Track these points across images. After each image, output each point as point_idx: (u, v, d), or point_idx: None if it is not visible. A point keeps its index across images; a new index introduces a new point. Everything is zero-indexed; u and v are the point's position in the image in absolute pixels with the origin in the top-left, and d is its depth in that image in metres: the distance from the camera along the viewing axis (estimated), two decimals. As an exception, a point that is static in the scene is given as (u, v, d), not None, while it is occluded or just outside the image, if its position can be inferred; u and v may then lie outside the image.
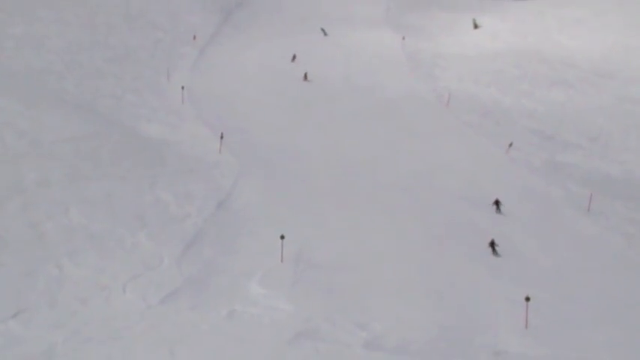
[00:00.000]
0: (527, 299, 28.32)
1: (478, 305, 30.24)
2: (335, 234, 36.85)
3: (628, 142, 57.92)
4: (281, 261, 32.22)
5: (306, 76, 67.70)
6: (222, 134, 47.69)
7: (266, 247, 33.40)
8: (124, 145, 44.00)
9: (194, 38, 76.99)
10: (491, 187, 46.08)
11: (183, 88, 59.35)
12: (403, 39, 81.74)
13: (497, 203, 41.63)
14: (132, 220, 35.14)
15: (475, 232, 39.22)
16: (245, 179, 42.81)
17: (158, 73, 64.75)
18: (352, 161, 49.01)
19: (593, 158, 54.37)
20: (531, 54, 77.80)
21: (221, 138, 47.40)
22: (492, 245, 35.65)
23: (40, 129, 41.66)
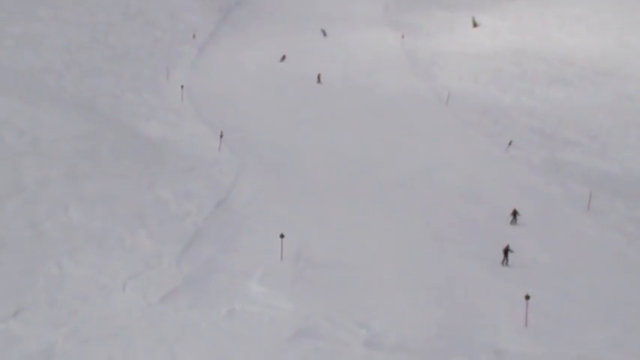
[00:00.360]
0: (527, 297, 28.27)
1: (478, 303, 30.21)
2: (334, 232, 36.87)
3: (627, 140, 57.89)
4: (281, 259, 32.23)
5: (319, 78, 67.22)
6: (221, 133, 47.69)
7: (266, 246, 33.42)
8: (124, 144, 44.00)
9: (193, 37, 77.10)
10: (490, 186, 46.13)
11: (182, 87, 59.38)
12: (402, 38, 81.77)
13: (514, 214, 40.06)
14: (131, 219, 35.15)
15: (475, 231, 39.22)
16: (244, 177, 42.84)
17: (157, 72, 64.85)
18: (352, 160, 49.01)
19: (592, 156, 54.32)
20: (531, 52, 77.83)
21: (220, 136, 47.40)
22: (506, 252, 34.22)
23: (40, 128, 41.65)
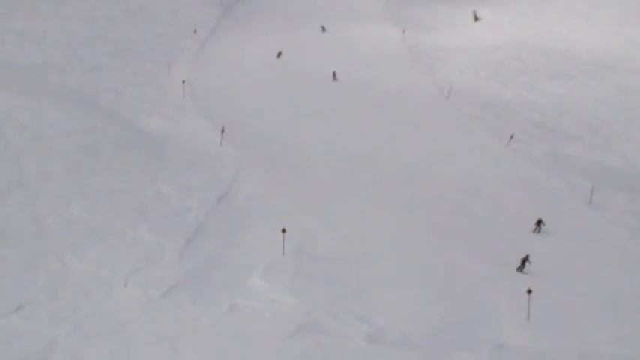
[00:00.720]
0: (528, 291, 28.31)
1: (479, 297, 30.21)
2: (336, 227, 36.86)
3: (629, 134, 57.87)
4: (282, 254, 32.25)
5: (334, 76, 67.00)
6: (223, 128, 47.68)
7: (267, 241, 33.42)
8: (125, 139, 43.98)
9: (194, 32, 77.03)
10: (492, 180, 46.12)
11: (184, 82, 59.38)
12: (403, 32, 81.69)
13: (539, 223, 38.74)
14: (133, 214, 35.17)
15: (476, 225, 39.23)
16: (246, 172, 42.83)
17: (159, 67, 64.87)
18: (353, 154, 49.00)
19: (594, 150, 54.31)
20: (532, 46, 77.81)
21: (222, 131, 47.39)
22: (524, 261, 33.40)
23: (41, 123, 41.61)
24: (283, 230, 32.31)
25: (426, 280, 31.50)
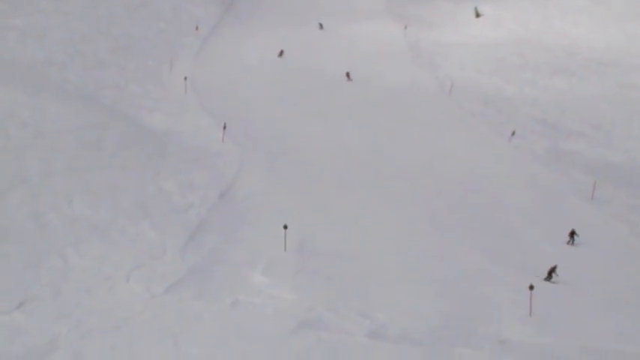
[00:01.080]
0: (531, 287, 28.29)
1: (482, 293, 30.20)
2: (338, 223, 36.87)
3: (631, 130, 57.84)
4: (284, 250, 32.26)
5: (348, 76, 66.47)
6: (224, 124, 47.70)
7: (269, 237, 33.42)
8: (127, 136, 43.99)
9: (196, 29, 77.01)
10: (493, 176, 46.13)
11: (185, 79, 59.41)
12: (405, 28, 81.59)
13: (572, 234, 37.67)
14: (135, 210, 35.18)
15: (477, 221, 39.23)
16: (248, 168, 42.87)
17: (161, 64, 64.89)
18: (355, 150, 49.03)
19: (596, 146, 54.32)
20: (533, 42, 77.67)
21: (224, 128, 47.41)
22: (551, 273, 32.62)
23: (43, 120, 41.61)
24: (285, 226, 32.32)
25: (428, 277, 31.51)
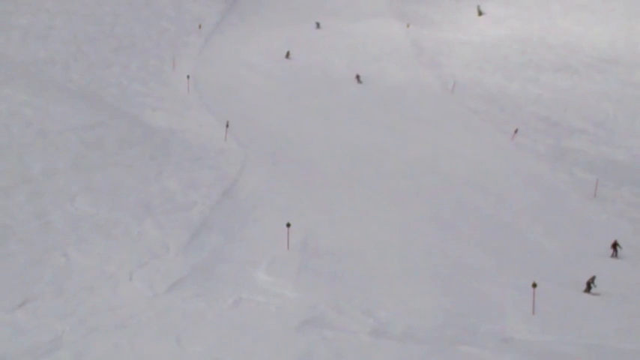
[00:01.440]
0: (534, 285, 28.27)
1: (485, 292, 30.22)
2: (341, 221, 36.88)
3: (634, 127, 57.80)
4: (287, 249, 32.27)
5: (358, 78, 65.98)
6: (227, 122, 47.71)
7: (272, 235, 33.44)
8: (130, 134, 44.04)
9: (199, 27, 77.00)
10: (496, 174, 46.12)
11: (188, 77, 59.44)
12: (408, 27, 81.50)
13: (615, 246, 36.46)
14: (138, 209, 35.19)
15: (480, 219, 39.23)
16: (251, 167, 42.86)
17: (163, 63, 64.92)
18: (357, 149, 49.02)
19: (598, 144, 54.29)
20: (536, 40, 77.55)
21: (226, 126, 47.43)
22: (589, 284, 31.70)
23: (46, 119, 41.69)
24: (288, 225, 32.35)
25: (431, 275, 31.52)
